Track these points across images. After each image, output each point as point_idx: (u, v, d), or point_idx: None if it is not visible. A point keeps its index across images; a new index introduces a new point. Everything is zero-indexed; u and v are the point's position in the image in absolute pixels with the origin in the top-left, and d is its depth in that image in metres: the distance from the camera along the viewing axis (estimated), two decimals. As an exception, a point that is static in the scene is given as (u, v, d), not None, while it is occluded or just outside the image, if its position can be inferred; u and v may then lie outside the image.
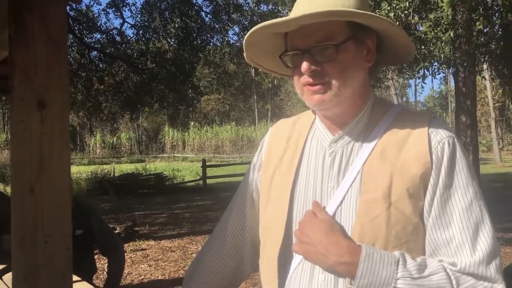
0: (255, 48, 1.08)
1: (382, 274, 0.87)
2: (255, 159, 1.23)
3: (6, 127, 43.88)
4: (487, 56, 6.72)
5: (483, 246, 0.91)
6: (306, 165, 1.09)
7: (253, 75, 46.12)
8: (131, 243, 7.15)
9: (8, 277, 2.36)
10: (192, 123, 43.61)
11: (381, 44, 1.05)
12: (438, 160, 0.96)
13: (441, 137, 0.98)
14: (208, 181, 16.32)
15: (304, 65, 0.96)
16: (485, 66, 8.71)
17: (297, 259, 1.04)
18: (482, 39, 6.66)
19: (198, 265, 1.23)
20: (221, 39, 17.07)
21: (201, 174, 16.66)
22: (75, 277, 2.09)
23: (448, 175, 0.95)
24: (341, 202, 1.00)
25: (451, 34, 5.84)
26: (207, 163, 17.32)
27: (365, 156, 1.01)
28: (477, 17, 5.90)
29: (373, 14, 0.96)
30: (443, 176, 0.95)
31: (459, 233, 0.92)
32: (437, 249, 0.94)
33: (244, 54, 1.09)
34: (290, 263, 1.06)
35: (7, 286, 2.24)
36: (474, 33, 6.48)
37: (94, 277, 3.25)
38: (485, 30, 6.71)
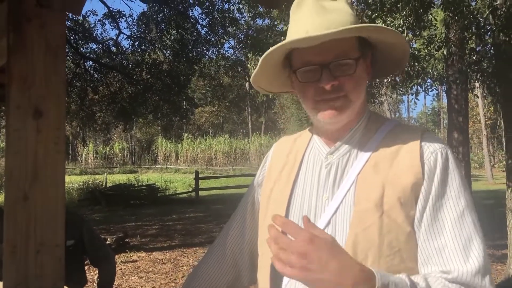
0: (263, 63, 1.08)
1: None
2: (258, 173, 1.26)
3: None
4: (479, 74, 6.80)
5: (476, 256, 0.92)
6: (303, 178, 1.11)
7: (247, 88, 46.31)
8: (122, 255, 7.08)
9: (-4, 287, 2.33)
10: (186, 135, 43.58)
11: (373, 57, 1.09)
12: (430, 170, 0.97)
13: (434, 148, 1.00)
14: (201, 193, 16.25)
15: (325, 80, 0.98)
16: (477, 84, 8.81)
17: None
18: (474, 57, 6.75)
19: (195, 276, 1.24)
20: (216, 52, 17.17)
21: (193, 186, 16.59)
22: (65, 288, 2.06)
23: (440, 185, 0.96)
24: (335, 212, 1.01)
25: (444, 52, 5.91)
26: (200, 175, 17.26)
27: (359, 167, 1.03)
28: (469, 36, 5.99)
29: (394, 30, 1.02)
30: (435, 185, 0.96)
31: (451, 242, 0.93)
32: (429, 258, 0.95)
33: (256, 71, 1.09)
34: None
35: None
36: (467, 51, 6.56)
37: (83, 289, 3.20)
38: (477, 49, 6.80)
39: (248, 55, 8.70)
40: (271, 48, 1.02)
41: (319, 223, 1.03)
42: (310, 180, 1.09)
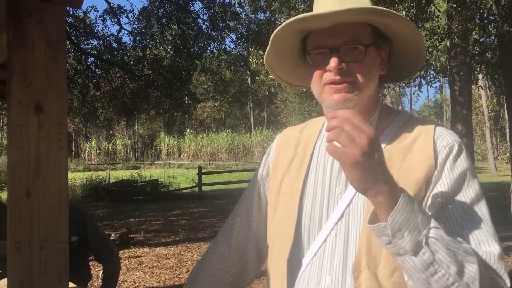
0: (276, 44, 1.07)
1: (418, 216, 0.82)
2: (262, 165, 1.24)
3: (1, 132, 43.71)
4: (483, 65, 6.77)
5: (497, 241, 0.92)
6: (315, 171, 1.10)
7: (249, 82, 46.29)
8: (126, 250, 7.11)
9: (3, 283, 2.33)
10: (188, 130, 43.64)
11: (389, 59, 1.07)
12: (443, 162, 0.97)
13: (447, 141, 1.00)
14: (204, 188, 16.29)
15: (333, 62, 0.97)
16: (480, 76, 8.78)
17: (305, 261, 1.04)
18: (478, 49, 6.72)
19: (201, 269, 1.23)
20: (218, 47, 17.14)
21: (196, 181, 16.62)
22: (70, 284, 2.06)
23: (452, 178, 0.96)
24: (348, 205, 1.01)
25: (447, 43, 5.89)
26: (203, 170, 17.29)
27: None
28: (473, 27, 5.96)
29: (407, 19, 1.00)
30: (448, 178, 0.96)
31: (470, 226, 0.93)
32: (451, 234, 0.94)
33: (267, 49, 1.09)
34: (298, 267, 1.06)
35: (1, 293, 2.21)
36: (470, 43, 6.53)
37: (89, 284, 3.22)
38: (481, 40, 6.77)
39: (250, 49, 8.68)
40: (280, 25, 1.01)
41: (332, 216, 1.02)
42: (322, 172, 1.08)
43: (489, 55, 6.79)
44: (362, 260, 0.96)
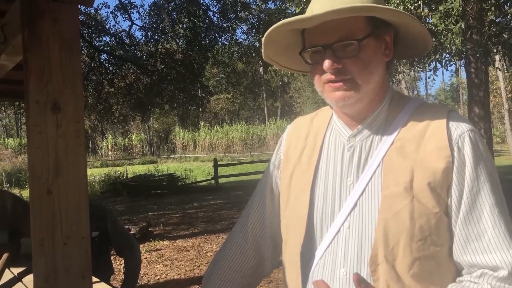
0: (273, 45, 1.07)
1: None
2: (274, 157, 1.23)
3: (19, 132, 44.45)
4: (500, 46, 6.62)
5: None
6: (325, 162, 1.09)
7: (262, 73, 46.12)
8: (146, 244, 7.20)
9: (27, 279, 2.39)
10: (202, 123, 43.74)
11: (397, 39, 1.04)
12: (460, 155, 0.95)
13: (461, 130, 0.97)
14: (220, 180, 16.35)
15: (327, 63, 0.95)
16: (497, 57, 8.59)
17: (319, 253, 1.04)
18: (494, 29, 6.57)
19: (219, 261, 1.23)
20: (229, 38, 17.09)
21: (213, 173, 16.70)
22: (93, 278, 2.10)
23: (474, 170, 0.94)
24: (360, 196, 0.99)
25: (462, 25, 5.77)
26: (219, 163, 17.36)
27: (384, 150, 1.00)
28: (488, 7, 5.82)
29: (395, 9, 0.96)
30: (469, 170, 0.94)
31: (491, 228, 0.92)
32: (468, 244, 0.93)
33: (262, 51, 1.08)
34: (312, 259, 1.06)
35: (27, 289, 2.26)
36: (486, 23, 6.38)
37: (111, 278, 3.27)
38: (497, 20, 6.61)
39: (262, 39, 8.61)
40: (269, 29, 1.01)
41: (344, 207, 1.01)
42: (333, 163, 1.07)
43: (505, 36, 6.63)
44: (379, 253, 0.95)
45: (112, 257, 3.38)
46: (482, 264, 0.91)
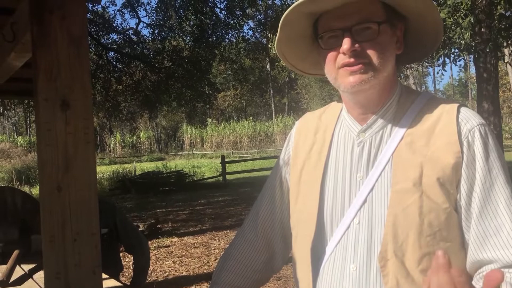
0: (289, 29, 1.05)
1: None
2: (283, 153, 1.23)
3: (28, 130, 44.82)
4: (509, 40, 6.54)
5: None
6: (335, 157, 1.08)
7: (269, 69, 46.05)
8: (154, 240, 7.23)
9: (38, 275, 2.41)
10: (210, 120, 43.82)
11: (407, 34, 1.04)
12: (470, 150, 0.94)
13: (471, 125, 0.96)
14: (228, 177, 16.38)
15: (346, 44, 0.95)
16: (506, 51, 8.49)
17: (329, 249, 1.04)
18: (504, 23, 6.48)
19: (229, 257, 1.23)
20: (236, 35, 17.06)
21: (220, 170, 16.73)
22: (103, 275, 2.12)
23: (486, 164, 0.93)
24: (370, 192, 0.99)
25: (471, 20, 5.70)
26: (226, 159, 17.37)
27: (394, 145, 0.99)
28: (498, 1, 5.75)
29: None
30: (481, 165, 0.93)
31: (510, 221, 0.90)
32: (486, 239, 0.92)
33: (277, 34, 1.07)
34: (322, 255, 1.05)
35: (38, 285, 2.29)
36: (495, 17, 6.31)
37: (120, 275, 3.29)
38: (507, 14, 6.53)
39: (268, 35, 8.60)
40: (288, 9, 0.99)
41: (354, 202, 1.01)
42: (342, 159, 1.06)
43: (515, 30, 6.56)
44: (388, 249, 0.94)
45: (121, 254, 3.40)
46: (504, 260, 0.89)
